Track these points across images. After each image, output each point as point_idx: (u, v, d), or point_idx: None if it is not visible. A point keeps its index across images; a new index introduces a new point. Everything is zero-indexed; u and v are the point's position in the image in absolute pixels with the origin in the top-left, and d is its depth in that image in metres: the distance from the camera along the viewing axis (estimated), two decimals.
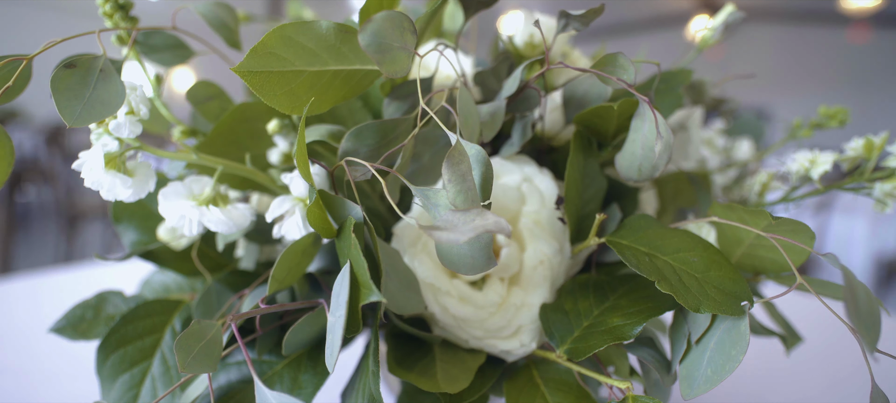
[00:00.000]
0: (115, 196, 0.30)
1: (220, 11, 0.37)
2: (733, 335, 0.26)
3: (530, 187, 0.34)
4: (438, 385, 0.29)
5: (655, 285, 0.27)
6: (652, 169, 0.30)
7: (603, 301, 0.31)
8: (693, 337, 0.28)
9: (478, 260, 0.27)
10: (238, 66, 0.27)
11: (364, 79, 0.31)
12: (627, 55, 0.30)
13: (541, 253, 0.32)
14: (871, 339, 0.22)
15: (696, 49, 0.41)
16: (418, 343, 0.33)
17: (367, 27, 0.23)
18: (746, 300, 0.27)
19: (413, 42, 0.25)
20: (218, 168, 0.32)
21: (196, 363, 0.27)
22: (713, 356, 0.27)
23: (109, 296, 0.37)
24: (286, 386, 0.32)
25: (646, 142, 0.30)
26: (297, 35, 0.28)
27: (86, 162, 0.30)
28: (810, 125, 0.41)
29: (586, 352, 0.28)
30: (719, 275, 0.28)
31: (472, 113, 0.29)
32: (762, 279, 0.34)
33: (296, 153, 0.25)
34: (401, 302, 0.29)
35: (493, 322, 0.32)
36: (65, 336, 0.35)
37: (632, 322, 0.28)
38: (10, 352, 0.61)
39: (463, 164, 0.24)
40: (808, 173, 0.35)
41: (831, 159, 0.34)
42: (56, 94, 0.28)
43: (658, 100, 0.37)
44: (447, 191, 0.24)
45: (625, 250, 0.28)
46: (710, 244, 0.29)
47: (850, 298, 0.22)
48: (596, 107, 0.31)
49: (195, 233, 0.31)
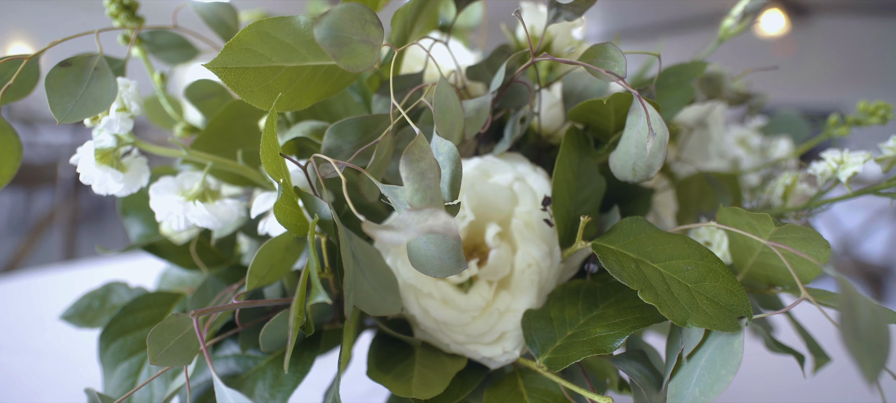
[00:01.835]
0: (107, 190, 0.31)
1: (220, 10, 0.37)
2: (725, 352, 0.24)
3: (523, 187, 0.32)
4: (411, 391, 0.28)
5: (638, 294, 0.25)
6: (646, 169, 0.28)
7: (591, 309, 0.29)
8: (685, 352, 0.26)
9: (446, 262, 0.25)
10: (212, 63, 0.27)
11: (345, 75, 0.30)
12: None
13: (529, 256, 0.31)
14: (872, 364, 0.19)
15: (718, 40, 0.38)
16: (401, 346, 0.32)
17: (323, 20, 0.23)
18: (744, 314, 0.25)
19: (378, 35, 0.25)
20: (207, 164, 0.33)
21: (170, 356, 0.27)
22: (703, 374, 0.24)
23: (115, 287, 0.38)
24: (268, 382, 0.32)
25: (640, 139, 0.27)
26: (274, 30, 0.28)
27: (81, 156, 0.31)
28: (848, 122, 0.37)
29: (565, 363, 0.26)
30: (715, 286, 0.26)
31: (451, 108, 0.28)
32: (776, 291, 0.31)
33: (262, 150, 0.25)
34: (376, 302, 0.28)
35: (475, 326, 0.30)
36: (73, 324, 0.37)
37: (615, 333, 0.26)
38: (65, 337, 0.65)
39: (423, 162, 0.23)
40: (836, 174, 0.31)
41: (862, 160, 0.30)
42: (49, 92, 0.29)
43: (667, 94, 0.34)
44: (405, 189, 0.23)
45: (609, 255, 0.26)
46: (709, 252, 0.27)
47: (847, 316, 0.19)
48: (589, 101, 0.29)
49: (182, 228, 0.31)
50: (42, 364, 0.59)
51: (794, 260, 0.27)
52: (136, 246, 0.37)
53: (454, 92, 0.29)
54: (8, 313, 0.74)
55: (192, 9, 0.38)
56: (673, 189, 0.43)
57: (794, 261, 0.28)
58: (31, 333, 0.67)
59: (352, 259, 0.28)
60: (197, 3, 0.37)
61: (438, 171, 0.24)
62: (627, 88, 0.27)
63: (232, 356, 0.33)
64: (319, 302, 0.31)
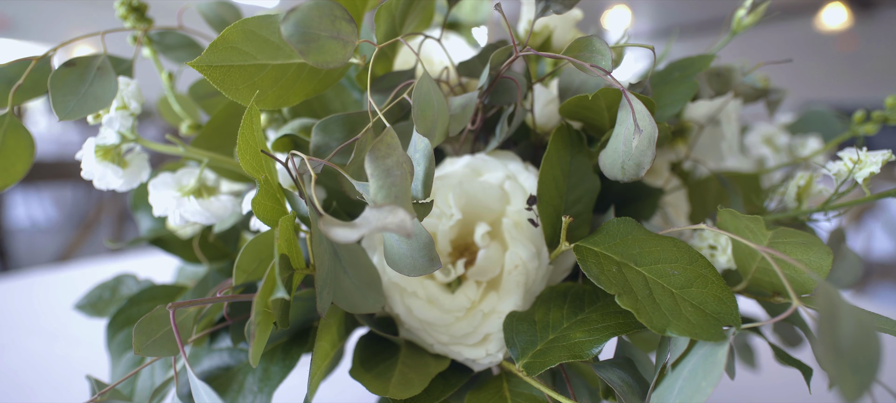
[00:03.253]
0: (107, 185, 0.32)
1: (222, 10, 0.38)
2: (708, 363, 0.22)
3: (514, 185, 0.32)
4: (388, 390, 0.27)
5: (615, 299, 0.23)
6: (636, 167, 0.26)
7: (576, 313, 0.28)
8: (670, 361, 0.25)
9: (418, 260, 0.25)
10: (196, 61, 0.27)
11: (333, 72, 0.31)
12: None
13: (516, 257, 0.30)
14: (856, 384, 0.17)
15: (730, 32, 0.36)
16: (387, 345, 0.32)
17: (290, 17, 0.23)
18: (732, 323, 0.23)
19: (350, 31, 0.24)
20: (204, 160, 0.33)
21: (156, 346, 0.28)
22: (684, 386, 0.23)
23: (125, 279, 0.40)
24: (257, 376, 0.32)
25: (628, 137, 0.26)
26: (259, 29, 0.28)
27: (85, 152, 0.32)
28: (874, 119, 0.34)
29: (542, 367, 0.25)
30: (702, 293, 0.24)
31: (432, 105, 0.27)
32: (781, 300, 0.29)
33: (238, 147, 0.25)
34: (357, 300, 0.28)
35: (459, 327, 0.30)
36: (85, 314, 0.39)
37: (594, 339, 0.25)
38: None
39: (390, 158, 0.23)
40: (852, 175, 0.29)
41: (881, 159, 0.28)
42: (53, 91, 0.30)
43: (670, 90, 0.33)
44: (369, 186, 0.22)
45: (589, 257, 0.25)
46: (699, 256, 0.25)
47: (826, 328, 0.17)
48: (576, 97, 0.28)
49: (177, 223, 0.32)
50: (89, 353, 0.62)
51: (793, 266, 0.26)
52: (142, 240, 0.39)
53: (437, 88, 0.28)
54: (59, 302, 0.78)
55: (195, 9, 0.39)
56: (686, 189, 0.41)
57: (794, 268, 0.26)
58: (79, 322, 0.70)
59: (332, 256, 0.28)
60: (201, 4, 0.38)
61: (409, 169, 0.24)
62: (615, 83, 0.26)
63: (226, 349, 0.34)
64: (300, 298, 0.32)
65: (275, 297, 0.22)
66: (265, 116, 0.35)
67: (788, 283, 0.22)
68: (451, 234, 0.32)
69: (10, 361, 0.60)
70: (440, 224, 0.31)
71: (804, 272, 0.25)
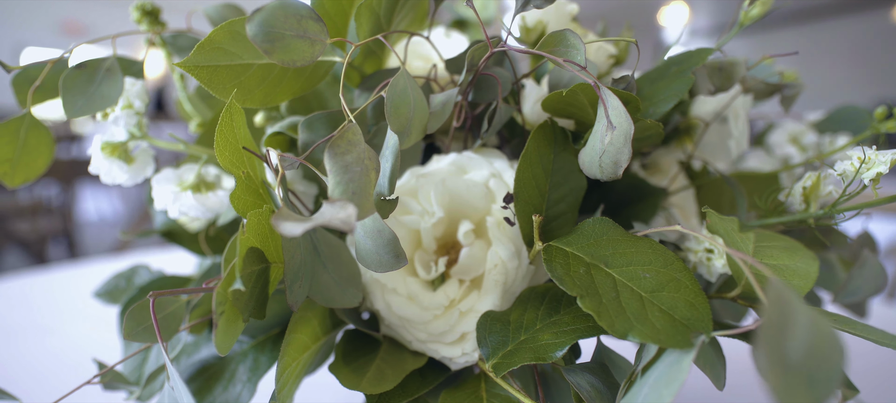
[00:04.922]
0: (113, 180, 0.34)
1: (228, 12, 0.39)
2: (672, 371, 0.21)
3: (498, 183, 0.31)
4: (360, 385, 0.28)
5: (577, 301, 0.23)
6: (613, 165, 0.26)
7: (551, 314, 0.27)
8: (640, 367, 0.24)
9: (383, 257, 0.25)
10: (184, 61, 0.28)
11: (317, 70, 0.31)
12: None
13: (496, 256, 0.29)
14: (812, 399, 0.16)
15: (737, 25, 0.34)
16: (368, 341, 0.32)
17: (254, 17, 0.23)
18: (702, 330, 0.22)
19: (317, 30, 0.25)
20: (202, 157, 0.35)
21: (146, 333, 0.29)
22: (649, 393, 0.22)
23: (140, 269, 0.42)
24: (248, 366, 0.33)
25: (603, 133, 0.25)
26: (245, 29, 0.29)
27: (93, 149, 0.34)
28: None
29: (508, 367, 0.25)
30: (673, 298, 0.23)
31: (407, 103, 0.27)
32: None
33: (216, 143, 0.26)
34: (334, 294, 0.29)
35: (437, 325, 0.30)
36: (103, 301, 0.41)
37: (560, 341, 0.24)
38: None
39: (349, 155, 0.23)
40: (859, 175, 0.27)
41: (891, 158, 0.26)
42: (63, 91, 0.32)
43: (666, 85, 0.31)
44: (328, 182, 0.23)
45: (557, 257, 0.25)
46: (675, 260, 0.24)
47: (771, 338, 0.16)
48: (554, 93, 0.28)
49: (175, 216, 0.34)
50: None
51: (784, 272, 0.24)
52: (153, 232, 0.41)
53: (415, 86, 0.28)
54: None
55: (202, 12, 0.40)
56: (694, 189, 0.39)
57: (785, 274, 0.24)
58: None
59: (311, 250, 0.28)
60: (208, 7, 0.39)
61: (373, 165, 0.24)
62: (588, 78, 0.25)
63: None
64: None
65: (233, 289, 0.23)
66: (261, 116, 0.36)
67: (758, 285, 0.20)
68: (435, 232, 0.32)
69: (56, 345, 0.65)
70: (422, 221, 0.31)
71: (803, 277, 0.23)
